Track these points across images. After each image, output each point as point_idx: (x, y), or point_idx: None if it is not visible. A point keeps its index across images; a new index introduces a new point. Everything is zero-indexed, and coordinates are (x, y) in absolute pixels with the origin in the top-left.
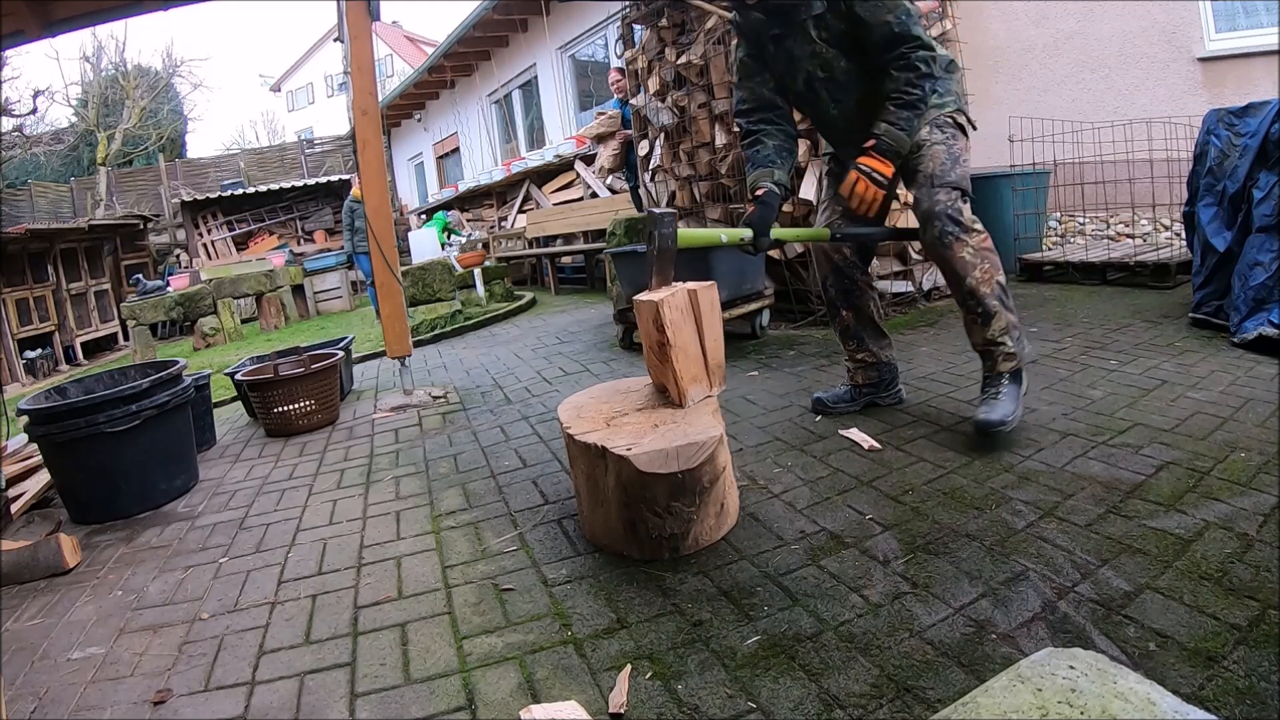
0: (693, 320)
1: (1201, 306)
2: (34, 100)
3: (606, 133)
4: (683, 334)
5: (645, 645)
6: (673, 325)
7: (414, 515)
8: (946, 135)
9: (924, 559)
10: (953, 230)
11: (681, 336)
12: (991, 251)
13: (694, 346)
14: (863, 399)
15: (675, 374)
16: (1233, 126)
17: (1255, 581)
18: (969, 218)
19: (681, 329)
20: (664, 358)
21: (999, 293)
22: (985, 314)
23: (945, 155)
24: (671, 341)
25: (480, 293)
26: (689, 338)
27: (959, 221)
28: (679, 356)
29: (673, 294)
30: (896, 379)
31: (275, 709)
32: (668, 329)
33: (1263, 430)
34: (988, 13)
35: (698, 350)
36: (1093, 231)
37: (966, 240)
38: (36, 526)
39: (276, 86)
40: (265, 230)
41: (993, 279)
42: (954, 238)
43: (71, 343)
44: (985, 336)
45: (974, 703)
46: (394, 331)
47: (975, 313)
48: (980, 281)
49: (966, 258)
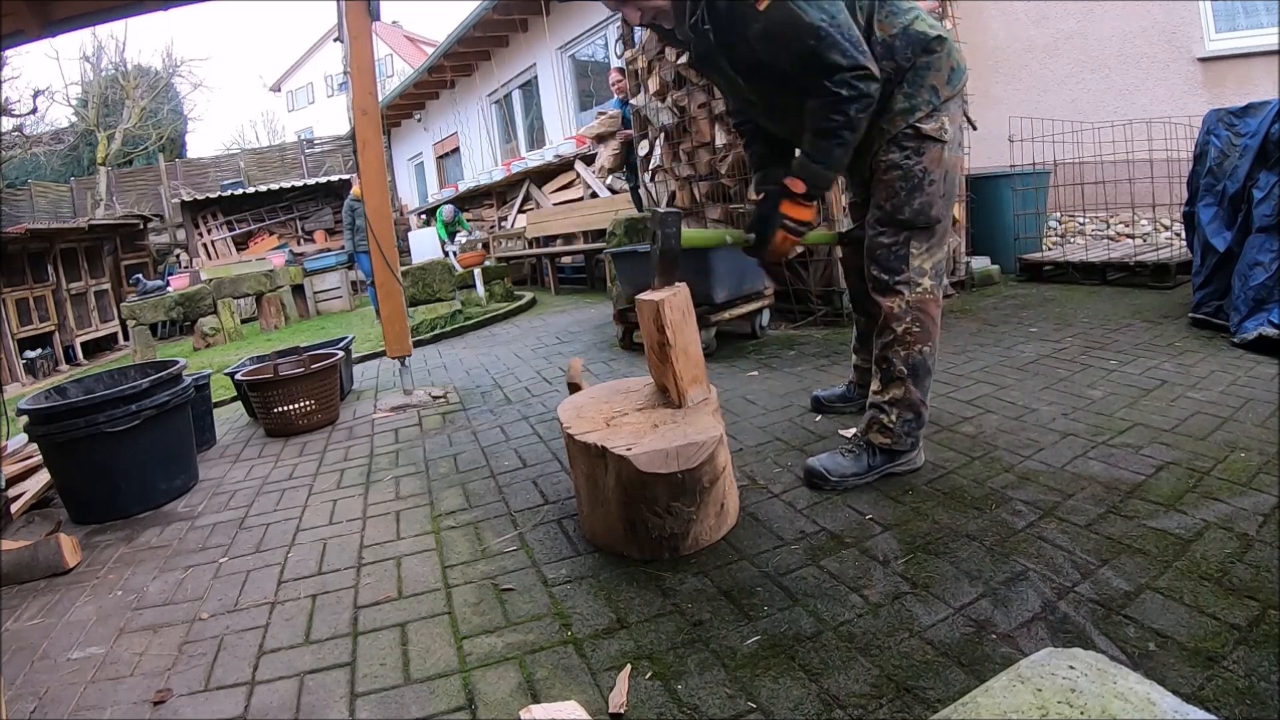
0: (694, 321)
1: (1201, 306)
2: (34, 100)
3: (606, 133)
4: (683, 334)
5: (645, 645)
6: (673, 326)
7: (414, 515)
8: (904, 154)
9: (924, 559)
10: (884, 279)
11: (682, 337)
12: (929, 317)
13: (694, 347)
14: (860, 399)
15: (675, 374)
16: (1233, 126)
17: (1255, 581)
18: (908, 270)
19: (682, 329)
20: (664, 358)
21: (914, 365)
22: (886, 376)
23: (901, 182)
24: (672, 342)
25: (480, 293)
26: (689, 338)
27: (894, 270)
28: (679, 357)
29: (674, 294)
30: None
31: (275, 709)
32: (668, 329)
33: (1263, 430)
34: (988, 13)
35: (698, 351)
36: (1093, 231)
37: (902, 293)
38: (36, 526)
39: (276, 86)
40: (265, 230)
41: (914, 345)
42: (886, 286)
43: (71, 343)
44: (873, 400)
45: (974, 703)
46: (394, 331)
47: (879, 370)
48: (897, 342)
49: (895, 311)
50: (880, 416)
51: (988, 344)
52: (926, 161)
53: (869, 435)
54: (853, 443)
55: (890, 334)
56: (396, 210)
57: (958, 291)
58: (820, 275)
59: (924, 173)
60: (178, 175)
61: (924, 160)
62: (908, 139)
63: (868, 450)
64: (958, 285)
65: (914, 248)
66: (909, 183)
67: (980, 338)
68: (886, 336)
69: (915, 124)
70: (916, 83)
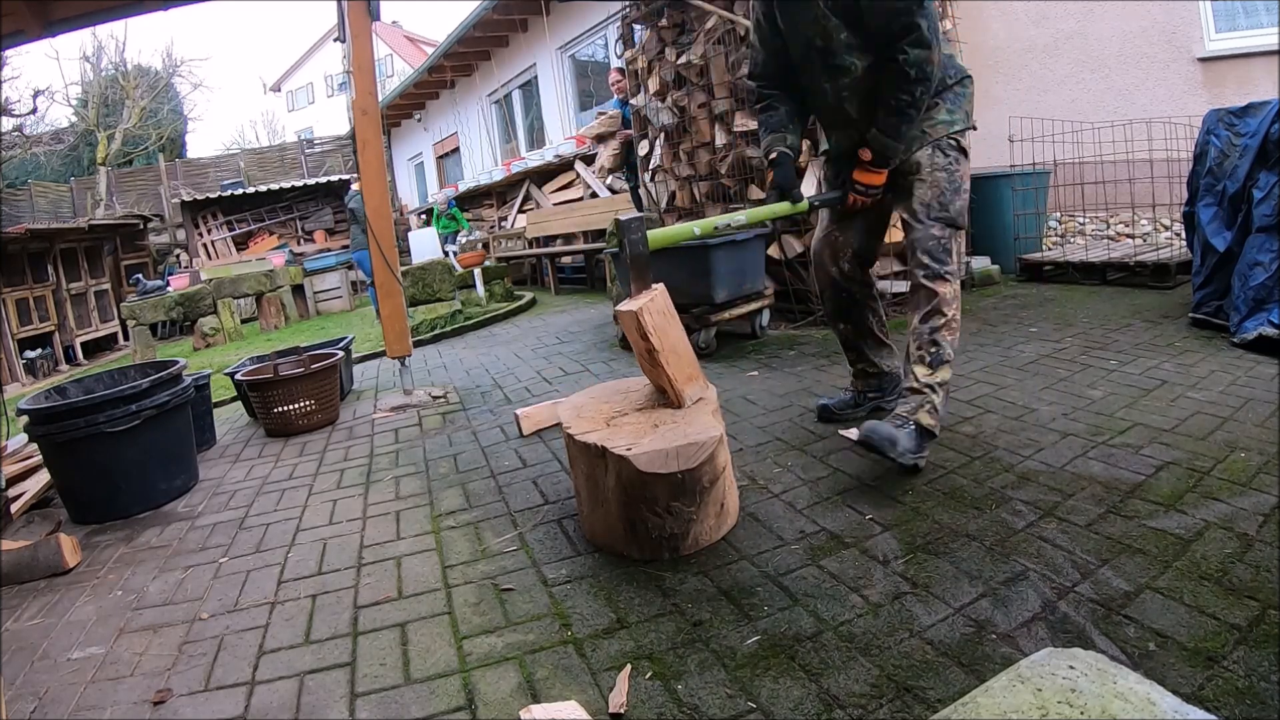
0: (676, 321)
1: (1201, 306)
2: (34, 100)
3: (606, 133)
4: (669, 336)
5: (645, 645)
6: (656, 330)
7: (414, 515)
8: (949, 159)
9: (924, 559)
10: (937, 266)
11: (668, 339)
12: (958, 305)
13: (683, 345)
14: (868, 404)
15: (669, 377)
16: (1233, 126)
17: (1255, 581)
18: (954, 261)
19: (666, 332)
20: (654, 362)
21: (949, 349)
22: (936, 359)
23: (946, 183)
24: (658, 346)
25: (480, 293)
26: (676, 338)
27: (943, 260)
28: (669, 359)
29: (651, 299)
30: (897, 384)
31: (275, 709)
32: (652, 336)
33: (1263, 430)
34: (988, 13)
35: (688, 348)
36: (1093, 231)
37: (948, 282)
38: (36, 526)
39: (276, 86)
40: (265, 230)
41: (956, 332)
42: (938, 274)
43: (71, 343)
44: (924, 381)
45: (974, 703)
46: (394, 331)
47: (927, 354)
48: (943, 328)
49: (948, 296)
50: (932, 398)
51: (988, 344)
52: (962, 170)
53: (918, 417)
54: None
55: (942, 317)
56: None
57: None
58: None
59: (963, 178)
60: (178, 175)
61: (961, 169)
62: (950, 147)
63: (918, 432)
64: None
65: (954, 244)
66: (953, 185)
67: (980, 338)
68: (937, 320)
69: (955, 135)
70: (957, 102)
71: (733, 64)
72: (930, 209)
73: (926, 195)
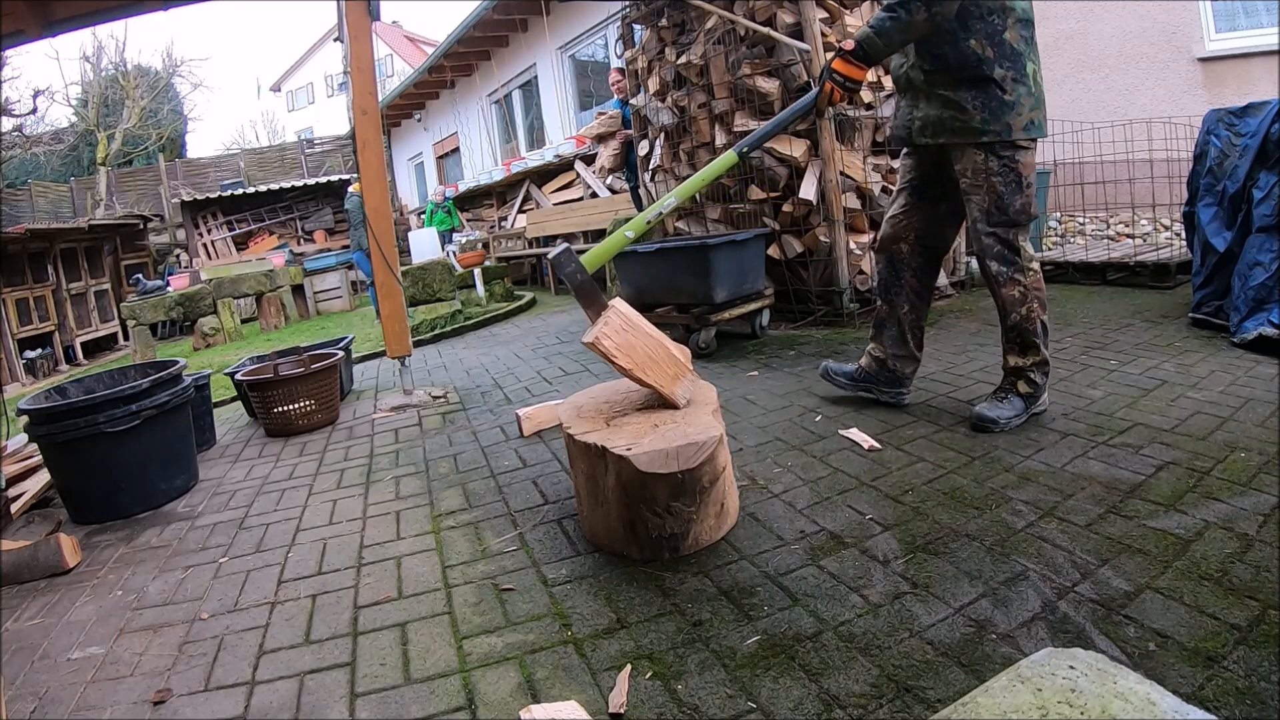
0: (641, 329)
1: (1201, 306)
2: (34, 100)
3: (606, 133)
4: (639, 351)
5: (645, 645)
6: (622, 350)
7: (414, 515)
8: (1002, 162)
9: (924, 559)
10: (1005, 270)
11: (639, 353)
12: (1041, 290)
13: (658, 348)
14: (860, 385)
15: (654, 387)
16: (1233, 126)
17: (1255, 581)
18: (1025, 256)
19: (634, 348)
20: (636, 379)
21: (1040, 330)
22: (1024, 345)
23: (1003, 186)
24: (628, 365)
25: (480, 293)
26: (648, 347)
27: (1012, 262)
28: (648, 371)
29: (606, 323)
30: (899, 384)
31: (275, 709)
32: (618, 358)
33: (1263, 430)
34: None
35: (665, 350)
36: (1093, 231)
37: (1019, 279)
38: (36, 526)
39: (276, 86)
40: (265, 230)
41: (1038, 318)
42: (1006, 277)
43: (71, 343)
44: (1018, 364)
45: (974, 703)
46: (394, 331)
47: (1015, 342)
48: (1024, 319)
49: (1016, 296)
50: (1029, 374)
51: (988, 344)
52: (1021, 166)
53: (1020, 389)
54: (1001, 391)
55: (1017, 315)
56: (396, 210)
57: (957, 291)
58: (820, 275)
59: (1025, 172)
60: (178, 175)
61: (1018, 166)
62: (1004, 147)
63: (1017, 397)
64: (957, 285)
65: (1020, 240)
66: (1009, 187)
67: (980, 338)
68: (1014, 318)
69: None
70: (997, 112)
71: (733, 64)
72: (990, 215)
73: (985, 202)
